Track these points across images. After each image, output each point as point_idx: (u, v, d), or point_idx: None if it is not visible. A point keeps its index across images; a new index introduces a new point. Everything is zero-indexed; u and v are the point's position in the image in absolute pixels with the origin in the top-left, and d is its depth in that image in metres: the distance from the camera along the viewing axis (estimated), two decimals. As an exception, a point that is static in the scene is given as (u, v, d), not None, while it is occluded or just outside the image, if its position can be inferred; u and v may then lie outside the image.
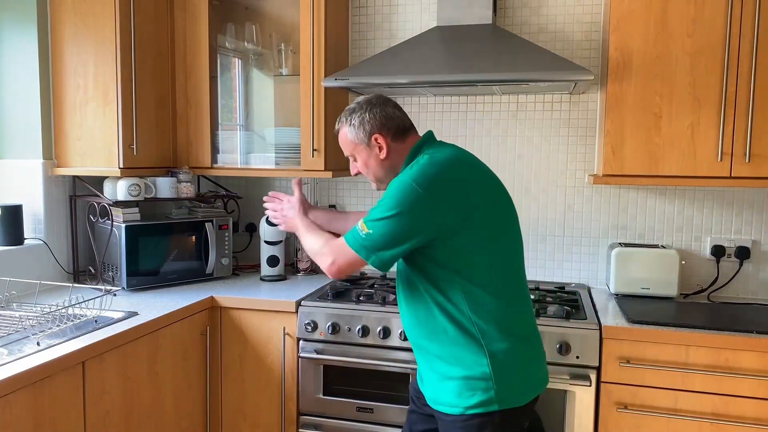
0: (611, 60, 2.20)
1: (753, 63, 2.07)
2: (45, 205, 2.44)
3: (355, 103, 1.67)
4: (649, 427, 1.98)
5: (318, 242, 1.66)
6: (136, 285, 2.43)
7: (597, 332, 2.00)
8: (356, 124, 1.64)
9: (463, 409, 1.51)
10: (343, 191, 2.87)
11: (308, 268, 2.77)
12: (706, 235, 2.50)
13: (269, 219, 1.91)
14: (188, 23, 2.58)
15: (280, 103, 2.80)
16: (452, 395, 1.53)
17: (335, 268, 1.58)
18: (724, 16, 2.09)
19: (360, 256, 1.52)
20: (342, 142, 1.69)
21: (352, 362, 2.18)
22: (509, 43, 2.29)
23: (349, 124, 1.65)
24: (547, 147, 2.61)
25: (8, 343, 1.73)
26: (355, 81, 2.30)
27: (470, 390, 1.51)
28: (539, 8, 2.57)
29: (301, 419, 2.29)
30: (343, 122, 1.68)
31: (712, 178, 2.15)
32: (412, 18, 2.72)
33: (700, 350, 1.93)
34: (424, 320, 1.57)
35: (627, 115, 2.19)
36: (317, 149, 2.49)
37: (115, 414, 1.87)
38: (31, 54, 2.38)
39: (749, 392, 1.89)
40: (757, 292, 2.46)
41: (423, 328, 1.58)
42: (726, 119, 2.11)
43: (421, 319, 1.58)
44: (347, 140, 1.67)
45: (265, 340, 2.31)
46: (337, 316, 2.21)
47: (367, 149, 1.65)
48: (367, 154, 1.66)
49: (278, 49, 2.71)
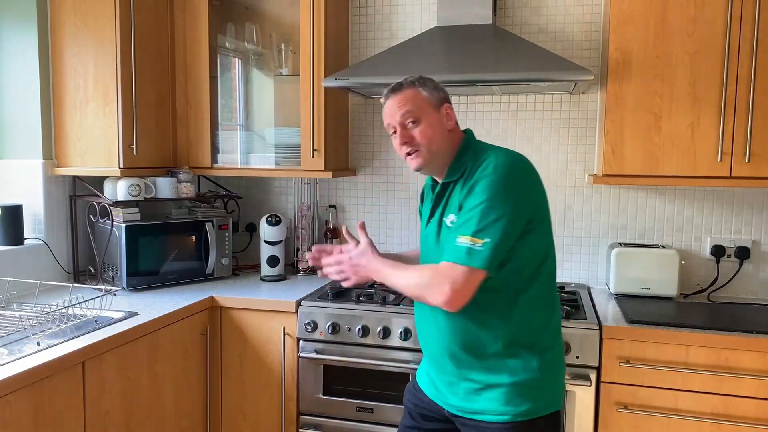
0: (611, 60, 2.20)
1: (753, 63, 2.07)
2: (45, 205, 2.44)
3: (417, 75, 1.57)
4: (649, 427, 1.98)
5: (418, 275, 1.45)
6: (136, 285, 2.43)
7: (597, 332, 2.00)
8: (431, 87, 1.54)
9: (512, 417, 1.47)
10: (343, 191, 2.87)
11: (308, 268, 2.77)
12: (706, 235, 2.50)
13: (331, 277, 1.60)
14: (188, 23, 2.58)
15: (280, 103, 2.80)
16: (497, 403, 1.48)
17: (456, 295, 1.39)
18: (724, 16, 2.09)
19: (487, 271, 1.39)
20: (408, 99, 1.52)
21: (352, 362, 2.18)
22: (509, 43, 2.29)
23: (423, 85, 1.53)
24: (547, 147, 2.61)
25: (8, 343, 1.73)
26: (355, 81, 2.30)
27: (519, 396, 1.48)
28: (539, 8, 2.57)
29: (301, 419, 2.29)
30: (412, 83, 1.54)
31: (712, 178, 2.15)
32: (412, 18, 2.72)
33: (700, 350, 1.93)
34: (475, 329, 1.49)
35: (627, 115, 2.19)
36: (317, 149, 2.49)
37: (115, 414, 1.87)
38: (31, 54, 2.39)
39: (749, 392, 1.89)
40: (757, 292, 2.46)
41: (469, 337, 1.50)
42: (726, 119, 2.11)
43: (470, 329, 1.49)
44: (420, 97, 1.52)
45: (265, 340, 2.31)
46: (337, 316, 2.21)
47: (437, 114, 1.52)
48: (436, 119, 1.52)
49: (278, 49, 2.71)
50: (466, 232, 1.39)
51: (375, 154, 2.81)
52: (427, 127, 1.51)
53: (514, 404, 1.48)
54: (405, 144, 1.52)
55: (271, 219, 2.66)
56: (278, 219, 2.67)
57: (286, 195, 2.94)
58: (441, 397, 1.59)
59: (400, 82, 1.55)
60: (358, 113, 2.83)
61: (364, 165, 2.83)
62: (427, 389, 1.65)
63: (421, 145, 1.51)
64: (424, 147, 1.51)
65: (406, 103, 1.51)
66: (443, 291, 1.39)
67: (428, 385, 1.64)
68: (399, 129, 1.52)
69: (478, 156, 1.50)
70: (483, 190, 1.41)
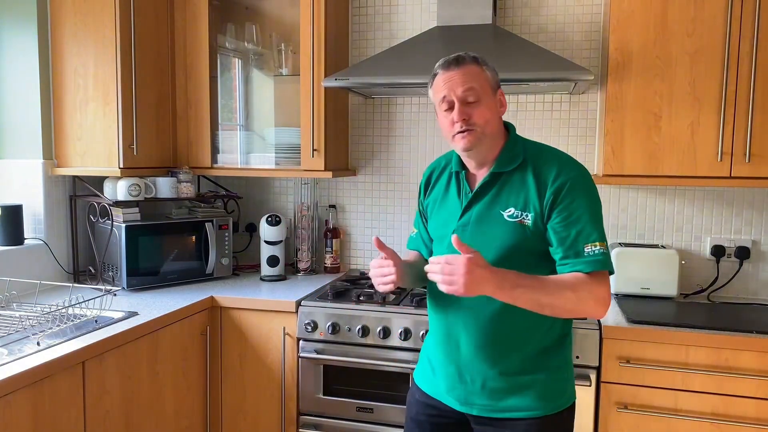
0: (611, 60, 2.20)
1: (753, 63, 2.07)
2: (45, 205, 2.44)
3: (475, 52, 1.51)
4: (649, 427, 1.98)
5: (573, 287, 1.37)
6: (136, 285, 2.43)
7: (597, 332, 2.00)
8: (491, 68, 1.49)
9: (544, 411, 1.47)
10: (343, 191, 2.87)
11: (308, 268, 2.77)
12: (706, 235, 2.50)
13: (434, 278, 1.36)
14: (188, 23, 2.58)
15: (280, 103, 2.80)
16: (530, 399, 1.47)
17: (609, 302, 1.40)
18: (724, 16, 2.09)
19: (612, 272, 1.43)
20: (473, 76, 1.45)
21: (352, 362, 2.18)
22: (509, 43, 2.29)
23: (485, 64, 1.48)
24: (547, 147, 2.61)
25: (8, 343, 1.73)
26: (355, 81, 2.30)
27: (553, 390, 1.50)
28: (539, 8, 2.57)
29: (301, 419, 2.29)
30: (476, 60, 1.47)
31: (712, 178, 2.15)
32: (412, 18, 2.72)
33: (700, 350, 1.93)
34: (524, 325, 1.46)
35: (627, 115, 2.20)
36: (317, 149, 2.48)
37: (115, 414, 1.87)
38: (31, 54, 2.38)
39: (749, 392, 1.89)
40: (757, 292, 2.46)
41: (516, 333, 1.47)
42: (726, 119, 2.11)
43: (519, 324, 1.46)
44: (483, 76, 1.46)
45: (265, 340, 2.31)
46: (337, 316, 2.21)
47: (493, 98, 1.47)
48: (493, 102, 1.47)
49: (278, 49, 2.71)
50: (592, 240, 1.40)
51: (375, 154, 2.81)
52: (486, 108, 1.45)
53: (547, 399, 1.48)
54: (463, 120, 1.43)
55: (271, 219, 2.66)
56: (278, 219, 2.67)
57: (286, 195, 2.94)
58: (464, 399, 1.52)
59: (461, 54, 1.48)
60: (358, 113, 2.83)
61: (364, 165, 2.83)
62: (443, 396, 1.57)
63: (477, 125, 1.44)
64: (480, 128, 1.44)
65: (471, 79, 1.44)
66: (604, 299, 1.38)
67: (445, 391, 1.56)
68: (458, 104, 1.44)
69: (541, 154, 1.49)
70: (584, 194, 1.42)
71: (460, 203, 1.53)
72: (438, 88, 1.48)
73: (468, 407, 1.52)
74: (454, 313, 1.52)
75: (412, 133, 2.76)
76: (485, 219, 1.48)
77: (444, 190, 1.60)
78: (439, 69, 1.49)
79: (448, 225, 1.54)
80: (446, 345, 1.54)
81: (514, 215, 1.45)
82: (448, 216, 1.55)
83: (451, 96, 1.45)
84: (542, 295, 1.35)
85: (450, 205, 1.56)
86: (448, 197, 1.58)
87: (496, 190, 1.49)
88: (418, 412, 1.62)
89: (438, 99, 1.48)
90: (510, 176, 1.48)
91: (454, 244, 1.34)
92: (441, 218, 1.58)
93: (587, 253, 1.39)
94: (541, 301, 1.35)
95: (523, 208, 1.45)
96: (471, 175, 1.55)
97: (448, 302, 1.52)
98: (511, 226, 1.45)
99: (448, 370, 1.54)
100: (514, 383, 1.48)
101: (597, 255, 1.38)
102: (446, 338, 1.54)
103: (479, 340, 1.48)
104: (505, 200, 1.47)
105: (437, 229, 1.60)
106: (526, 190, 1.45)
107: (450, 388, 1.54)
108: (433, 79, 1.51)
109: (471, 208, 1.51)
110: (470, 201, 1.51)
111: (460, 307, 1.50)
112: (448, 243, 1.50)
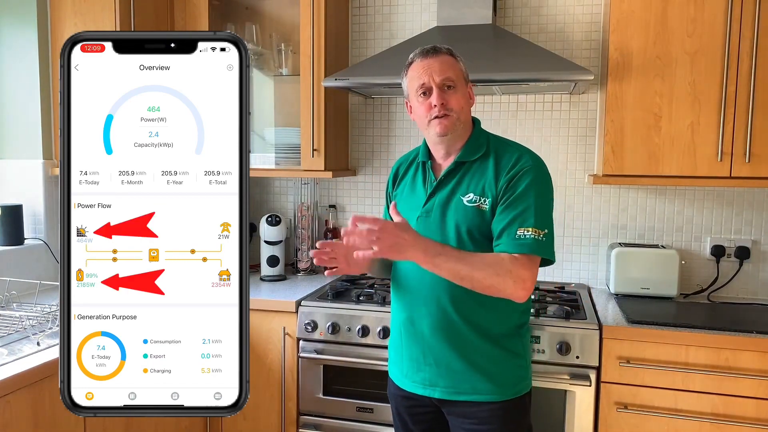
0: (611, 60, 2.20)
1: (753, 63, 2.07)
2: (45, 205, 2.44)
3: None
4: (649, 427, 1.98)
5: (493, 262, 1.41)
6: (136, 285, 2.43)
7: (597, 332, 2.00)
8: (463, 61, 1.57)
9: (504, 396, 1.53)
10: (343, 191, 2.87)
11: (308, 268, 2.77)
12: (706, 235, 2.50)
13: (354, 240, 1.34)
14: (188, 23, 2.58)
15: (280, 103, 2.80)
16: (492, 383, 1.53)
17: (531, 286, 1.43)
18: (724, 16, 2.08)
19: (551, 259, 1.48)
20: (450, 65, 1.52)
21: (352, 362, 2.18)
22: (509, 43, 2.29)
23: (458, 57, 1.56)
24: (546, 147, 2.61)
25: (8, 343, 1.73)
26: (355, 81, 2.30)
27: (514, 376, 1.56)
28: (539, 8, 2.57)
29: (301, 419, 2.29)
30: (450, 51, 1.55)
31: (712, 178, 2.15)
32: (412, 18, 2.71)
33: (700, 350, 1.93)
34: (484, 309, 1.52)
35: (627, 115, 2.19)
36: (317, 149, 2.48)
37: (115, 414, 1.87)
38: (31, 54, 2.39)
39: (749, 392, 1.89)
40: (757, 292, 2.46)
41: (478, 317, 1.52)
42: (726, 119, 2.11)
43: (480, 309, 1.52)
44: (457, 67, 1.54)
45: (265, 340, 2.31)
46: (337, 316, 2.21)
47: (465, 88, 1.55)
48: (463, 93, 1.54)
49: (278, 49, 2.71)
50: (527, 225, 1.43)
51: (375, 154, 2.81)
52: (461, 96, 1.52)
53: (506, 384, 1.54)
54: (441, 105, 1.49)
55: (271, 219, 2.66)
56: (278, 219, 2.67)
57: (286, 195, 2.94)
58: (429, 381, 1.57)
59: (436, 45, 1.54)
60: (358, 113, 2.83)
61: (364, 165, 2.83)
62: (411, 384, 1.61)
63: (454, 110, 1.51)
64: (456, 114, 1.51)
65: (448, 69, 1.51)
66: (524, 281, 1.40)
67: (411, 376, 1.60)
68: (436, 90, 1.49)
69: (502, 145, 1.57)
70: (532, 183, 1.47)
71: (425, 191, 1.60)
72: (416, 75, 1.53)
73: (431, 389, 1.57)
74: (416, 297, 1.57)
75: (412, 133, 2.76)
76: (447, 205, 1.55)
77: (411, 180, 1.67)
78: (416, 57, 1.55)
79: (413, 211, 1.60)
80: (410, 328, 1.60)
81: (473, 200, 1.52)
82: (413, 203, 1.61)
83: (430, 82, 1.50)
84: (462, 266, 1.39)
85: (416, 194, 1.63)
86: (415, 186, 1.64)
87: (459, 177, 1.56)
88: (397, 405, 1.69)
89: (415, 86, 1.53)
90: (472, 165, 1.55)
91: (390, 211, 1.44)
92: (406, 206, 1.63)
93: (518, 236, 1.43)
94: (460, 272, 1.39)
95: (481, 193, 1.52)
96: (437, 165, 1.62)
97: (411, 287, 1.59)
98: (470, 210, 1.52)
99: (412, 353, 1.60)
100: (474, 366, 1.53)
101: (527, 239, 1.43)
102: (409, 322, 1.60)
103: (440, 322, 1.54)
104: (466, 187, 1.54)
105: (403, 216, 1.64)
106: (486, 176, 1.52)
107: (415, 371, 1.59)
108: (408, 68, 1.57)
109: (435, 195, 1.57)
110: (434, 188, 1.57)
111: (421, 291, 1.56)
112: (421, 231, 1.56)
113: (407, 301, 1.60)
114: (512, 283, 1.40)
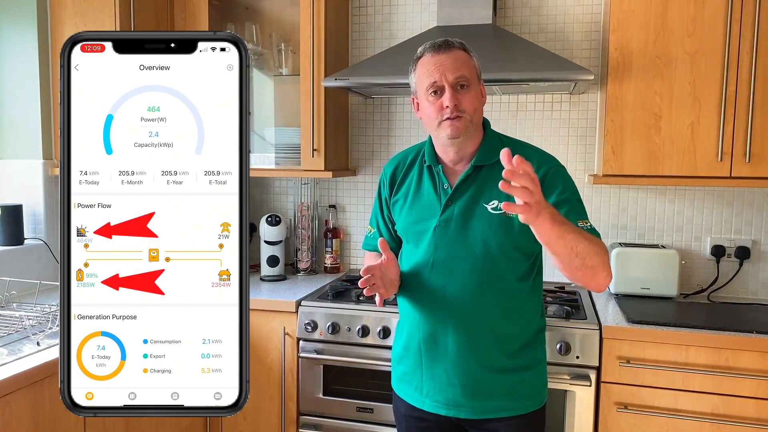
0: (611, 60, 2.20)
1: (753, 63, 2.07)
2: (45, 205, 2.44)
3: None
4: (649, 427, 1.98)
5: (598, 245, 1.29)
6: (136, 285, 2.43)
7: (597, 332, 2.00)
8: (477, 58, 1.46)
9: (529, 408, 1.50)
10: (343, 191, 2.87)
11: (308, 268, 2.77)
12: (706, 235, 2.50)
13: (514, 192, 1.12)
14: (188, 23, 2.58)
15: (280, 103, 2.80)
16: (519, 397, 1.49)
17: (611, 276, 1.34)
18: (724, 16, 2.08)
19: None
20: (464, 62, 1.41)
21: (352, 362, 2.18)
22: (509, 43, 2.29)
23: (472, 52, 1.44)
24: (547, 147, 2.58)
25: (8, 343, 1.73)
26: (355, 81, 2.30)
27: (536, 387, 1.53)
28: (539, 8, 2.57)
29: (301, 419, 2.29)
30: (463, 46, 1.44)
31: (712, 178, 2.15)
32: (412, 18, 2.71)
33: (700, 350, 1.93)
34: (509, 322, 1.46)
35: (627, 115, 2.19)
36: (317, 149, 2.48)
37: (115, 414, 1.87)
38: (31, 54, 2.39)
39: (749, 392, 1.89)
40: (757, 292, 2.46)
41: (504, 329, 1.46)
42: (726, 119, 2.11)
43: (505, 321, 1.46)
44: (471, 64, 1.43)
45: (265, 340, 2.31)
46: (337, 316, 2.21)
47: (478, 86, 1.44)
48: (477, 92, 1.43)
49: (278, 49, 2.70)
50: (583, 218, 1.38)
51: (375, 154, 2.81)
52: (475, 96, 1.41)
53: (532, 396, 1.50)
54: (454, 106, 1.37)
55: (271, 219, 2.66)
56: (278, 219, 2.67)
57: (286, 195, 2.94)
58: (452, 402, 1.48)
59: (448, 39, 1.42)
60: (358, 113, 2.83)
61: (364, 165, 2.83)
62: (427, 404, 1.51)
63: (467, 112, 1.39)
64: (469, 115, 1.40)
65: (462, 66, 1.39)
66: (608, 271, 1.31)
67: (431, 396, 1.51)
68: (449, 90, 1.37)
69: (517, 147, 1.44)
70: (567, 182, 1.43)
71: (438, 198, 1.48)
72: (426, 72, 1.41)
73: (456, 410, 1.48)
74: (440, 312, 1.47)
75: (412, 133, 2.76)
76: (469, 213, 1.44)
77: (416, 185, 1.53)
78: (427, 52, 1.42)
79: (428, 221, 1.48)
80: (432, 346, 1.49)
81: (498, 207, 1.41)
82: (426, 212, 1.49)
83: (442, 81, 1.38)
84: (581, 241, 1.23)
85: (426, 201, 1.50)
86: (422, 193, 1.51)
87: (479, 183, 1.45)
88: (409, 427, 1.58)
89: (425, 84, 1.41)
90: (491, 169, 1.43)
91: (379, 246, 1.39)
92: (416, 215, 1.51)
93: (582, 228, 1.33)
94: (578, 246, 1.23)
95: (506, 199, 1.35)
96: (448, 169, 1.50)
97: (433, 303, 1.48)
98: (496, 219, 1.41)
99: (435, 372, 1.49)
100: (501, 384, 1.47)
101: (592, 229, 1.36)
102: (432, 339, 1.49)
103: (466, 339, 1.45)
104: (488, 193, 1.43)
105: (412, 226, 1.52)
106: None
107: (437, 390, 1.49)
108: (417, 62, 1.45)
109: (453, 202, 1.46)
110: (451, 196, 1.46)
111: (444, 306, 1.46)
112: (428, 241, 1.47)
113: (429, 317, 1.49)
114: (607, 267, 1.30)
